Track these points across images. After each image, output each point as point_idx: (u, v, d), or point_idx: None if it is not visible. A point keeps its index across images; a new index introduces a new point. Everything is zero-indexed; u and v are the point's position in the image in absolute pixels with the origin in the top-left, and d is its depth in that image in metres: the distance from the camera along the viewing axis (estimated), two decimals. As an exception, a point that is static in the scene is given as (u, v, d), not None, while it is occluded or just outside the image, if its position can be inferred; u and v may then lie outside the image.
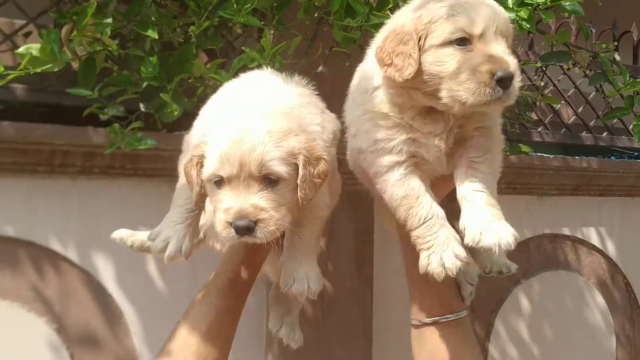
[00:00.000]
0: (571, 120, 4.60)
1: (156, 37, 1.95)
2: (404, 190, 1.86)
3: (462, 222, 1.81)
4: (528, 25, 1.97)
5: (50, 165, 3.02)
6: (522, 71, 3.91)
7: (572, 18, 4.06)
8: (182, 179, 1.94)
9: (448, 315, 2.02)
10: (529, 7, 1.97)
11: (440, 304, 2.04)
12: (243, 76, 1.98)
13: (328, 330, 3.39)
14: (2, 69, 1.84)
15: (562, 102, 4.53)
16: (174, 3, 2.09)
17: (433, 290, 2.00)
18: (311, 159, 1.75)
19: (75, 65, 2.03)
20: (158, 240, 1.93)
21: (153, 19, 1.98)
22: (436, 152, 1.86)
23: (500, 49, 1.69)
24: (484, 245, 1.74)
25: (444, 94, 1.72)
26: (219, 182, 1.73)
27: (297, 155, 1.72)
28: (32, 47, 1.86)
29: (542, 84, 3.17)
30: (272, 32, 2.05)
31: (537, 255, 4.29)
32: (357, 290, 3.51)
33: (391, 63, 1.74)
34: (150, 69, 2.00)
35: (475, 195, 1.81)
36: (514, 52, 4.01)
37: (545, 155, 4.23)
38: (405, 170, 1.87)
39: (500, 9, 1.76)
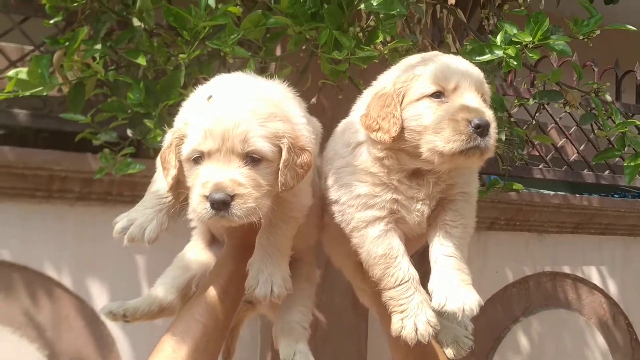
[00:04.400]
0: (572, 157, 4.59)
1: (144, 63, 1.98)
2: (383, 249, 1.85)
3: (430, 285, 1.83)
4: (515, 63, 1.99)
5: (49, 191, 3.04)
6: (524, 107, 3.95)
7: (575, 56, 4.08)
8: (158, 170, 1.86)
9: None
10: (517, 46, 1.99)
11: None
12: (223, 75, 1.93)
13: (321, 363, 3.35)
14: (-15, 94, 1.85)
15: (564, 139, 4.54)
16: (167, 32, 2.12)
17: (418, 351, 1.90)
18: (295, 146, 1.70)
19: (65, 89, 2.05)
20: (122, 220, 1.81)
21: (144, 46, 2.01)
22: (417, 216, 1.87)
23: (475, 100, 1.73)
24: (448, 310, 1.76)
25: (423, 148, 1.73)
26: (199, 159, 1.66)
27: (281, 138, 1.67)
28: (21, 71, 1.89)
29: (535, 121, 3.17)
30: (260, 62, 2.06)
31: (536, 293, 4.25)
32: (352, 323, 3.47)
33: (379, 128, 1.77)
34: (137, 95, 2.01)
35: (445, 260, 1.83)
36: (516, 90, 4.07)
37: (545, 192, 4.22)
38: (386, 226, 1.86)
39: (474, 69, 1.81)
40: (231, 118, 1.63)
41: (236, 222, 1.62)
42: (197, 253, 2.17)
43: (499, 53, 1.99)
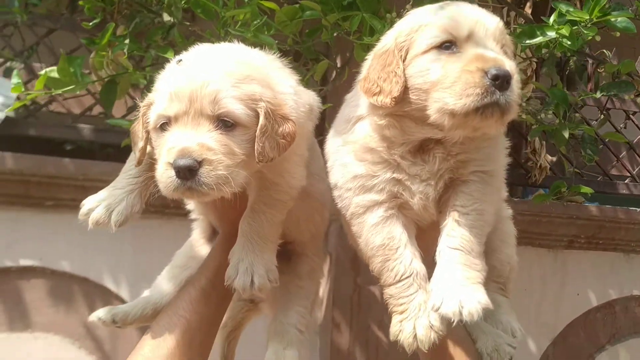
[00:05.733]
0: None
1: (173, 57, 1.94)
2: (381, 238, 1.63)
3: (431, 283, 1.59)
4: (569, 43, 1.79)
5: (108, 203, 3.07)
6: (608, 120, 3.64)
7: None
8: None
9: None
10: (573, 26, 1.78)
11: None
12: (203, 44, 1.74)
13: (381, 386, 3.17)
14: (22, 89, 1.87)
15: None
16: (195, 25, 2.08)
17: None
18: (276, 113, 1.51)
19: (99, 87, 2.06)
20: (89, 201, 1.69)
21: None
22: (421, 199, 1.63)
23: (492, 50, 1.49)
24: (442, 313, 1.52)
25: (431, 108, 1.49)
26: (165, 125, 1.50)
27: (258, 102, 1.49)
28: (53, 70, 1.90)
29: (603, 116, 2.90)
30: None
31: (624, 318, 3.87)
32: (416, 345, 3.28)
33: (379, 91, 1.55)
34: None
35: (450, 253, 1.59)
36: (597, 101, 3.78)
37: (631, 208, 3.87)
38: (386, 212, 1.64)
39: (493, 17, 1.57)
40: (200, 77, 1.46)
41: (206, 194, 1.45)
42: (196, 249, 2.04)
43: (552, 34, 1.80)
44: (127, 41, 1.95)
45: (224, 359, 2.22)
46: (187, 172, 1.42)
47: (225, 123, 1.48)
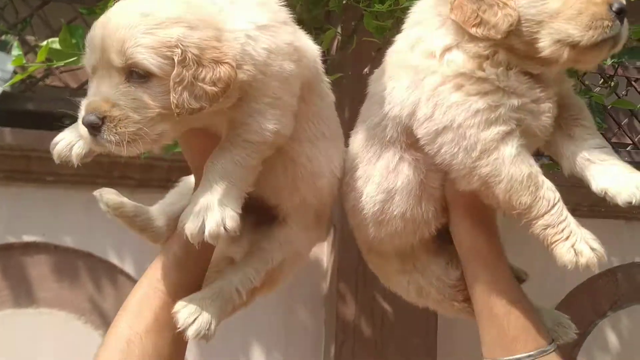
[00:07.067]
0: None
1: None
2: (527, 167, 1.52)
3: (603, 185, 1.55)
4: None
5: (109, 178, 3.05)
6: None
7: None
8: None
9: (531, 353, 1.61)
10: None
11: (512, 338, 1.63)
12: None
13: (386, 357, 3.19)
14: (23, 61, 1.83)
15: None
16: None
17: (507, 320, 1.65)
18: (203, 57, 1.36)
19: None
20: (57, 138, 1.63)
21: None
22: (546, 119, 1.57)
23: None
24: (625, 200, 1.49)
25: (545, 41, 1.45)
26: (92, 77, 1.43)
27: (173, 48, 1.35)
28: (54, 41, 1.85)
29: (613, 83, 2.87)
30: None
31: (626, 285, 3.89)
32: (421, 315, 3.27)
33: (480, 22, 1.45)
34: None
35: (602, 153, 1.57)
36: (600, 67, 3.74)
37: (634, 175, 3.87)
38: (519, 141, 1.55)
39: None
40: (112, 23, 1.37)
41: (112, 148, 1.38)
42: (187, 187, 1.90)
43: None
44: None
45: None
46: (91, 128, 1.37)
47: (137, 74, 1.37)
